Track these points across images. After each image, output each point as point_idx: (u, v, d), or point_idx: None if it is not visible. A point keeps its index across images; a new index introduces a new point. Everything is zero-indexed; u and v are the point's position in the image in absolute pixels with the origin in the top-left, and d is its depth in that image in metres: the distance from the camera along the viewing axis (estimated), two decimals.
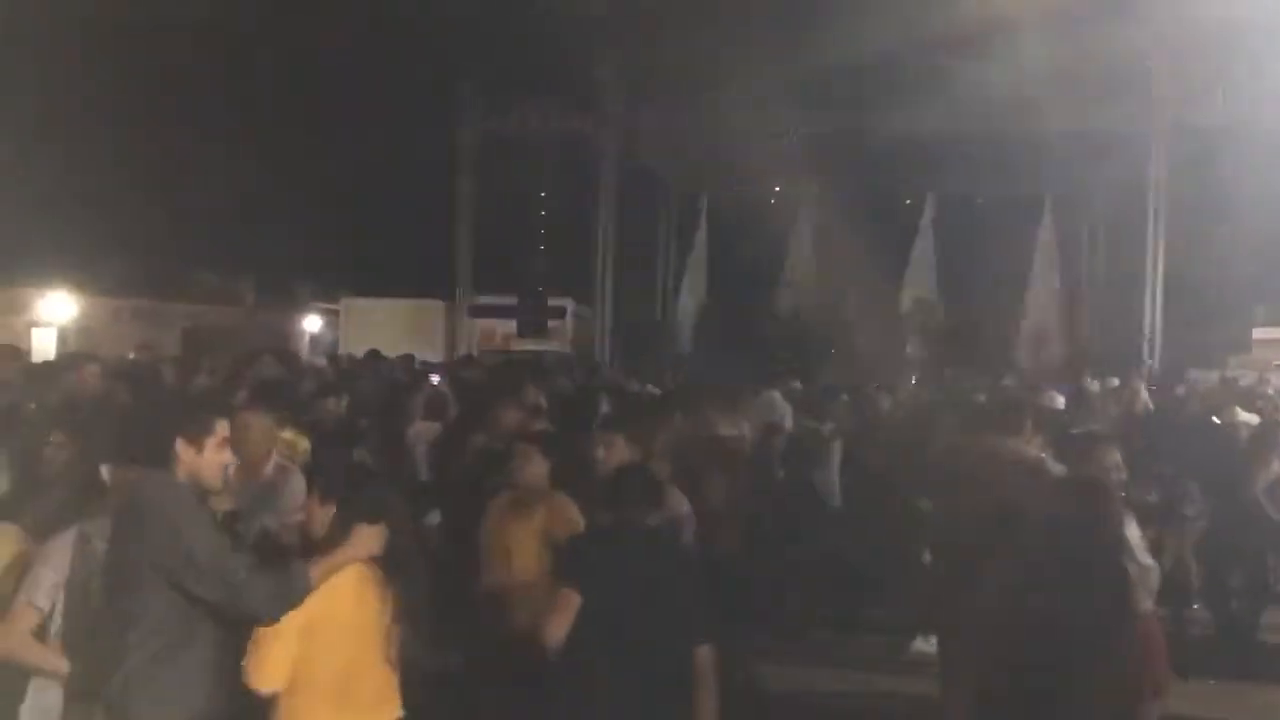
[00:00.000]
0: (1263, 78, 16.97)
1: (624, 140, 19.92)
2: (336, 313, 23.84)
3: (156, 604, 3.12)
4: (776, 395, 9.94)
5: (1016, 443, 5.20)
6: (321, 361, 13.77)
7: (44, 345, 17.83)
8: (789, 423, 9.02)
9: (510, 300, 20.10)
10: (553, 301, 20.15)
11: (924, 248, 23.39)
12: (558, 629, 3.66)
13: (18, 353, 8.07)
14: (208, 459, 3.40)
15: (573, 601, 3.67)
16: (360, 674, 3.34)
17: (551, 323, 20.14)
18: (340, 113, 27.07)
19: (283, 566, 3.22)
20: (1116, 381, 11.96)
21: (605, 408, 7.76)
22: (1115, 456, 4.64)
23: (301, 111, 26.59)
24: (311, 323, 30.20)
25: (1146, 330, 17.79)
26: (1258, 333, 17.96)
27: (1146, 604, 4.26)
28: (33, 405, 5.83)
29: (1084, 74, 17.61)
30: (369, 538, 3.34)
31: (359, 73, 26.43)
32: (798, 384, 11.91)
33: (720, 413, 7.31)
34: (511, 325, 20.03)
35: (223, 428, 3.48)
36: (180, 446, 3.37)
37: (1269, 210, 17.26)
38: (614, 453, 4.88)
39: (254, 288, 29.63)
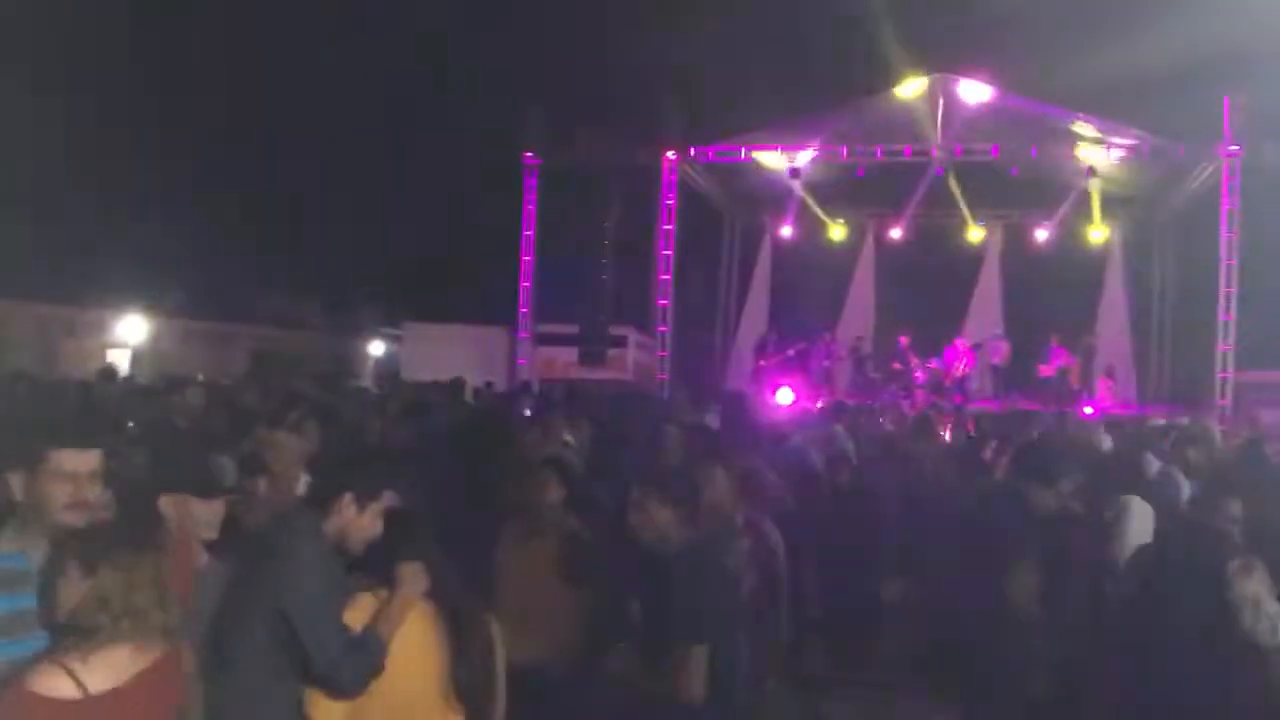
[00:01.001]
0: None
1: (687, 169, 20.03)
2: (400, 337, 24.15)
3: (252, 646, 3.12)
4: (839, 429, 9.88)
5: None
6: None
7: (119, 366, 18.24)
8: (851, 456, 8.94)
9: (572, 328, 20.17)
10: (614, 330, 20.19)
11: (989, 281, 23.06)
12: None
13: (115, 372, 8.30)
14: (365, 522, 3.40)
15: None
16: (419, 713, 3.33)
17: (612, 352, 20.19)
18: (410, 140, 27.59)
19: (360, 636, 3.18)
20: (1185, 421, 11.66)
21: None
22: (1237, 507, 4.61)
23: (372, 139, 27.11)
24: (375, 347, 30.63)
25: (1218, 370, 17.36)
26: None
27: None
28: (131, 424, 5.98)
29: (1152, 107, 17.47)
30: (414, 578, 3.33)
31: (429, 100, 26.95)
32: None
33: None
34: (573, 353, 20.09)
35: (389, 497, 3.50)
36: (346, 501, 3.37)
37: None
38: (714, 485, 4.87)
39: (320, 311, 30.14)
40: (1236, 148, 17.21)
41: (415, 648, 3.31)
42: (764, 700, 5.11)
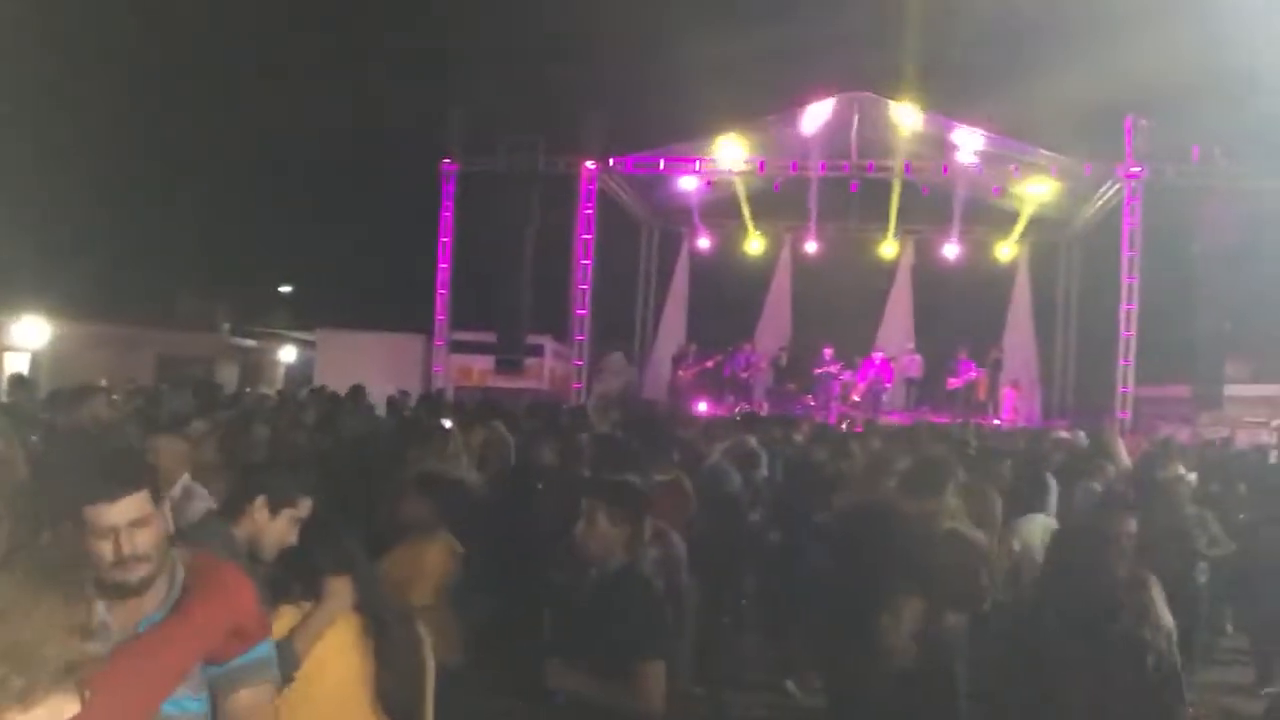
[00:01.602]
0: (1233, 136, 17.36)
1: (606, 179, 20.08)
2: (313, 343, 23.73)
3: None
4: (753, 440, 9.95)
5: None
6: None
7: (17, 371, 17.62)
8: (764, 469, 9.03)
9: (489, 337, 20.04)
10: (531, 339, 20.12)
11: (901, 295, 23.50)
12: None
13: (27, 381, 8.02)
14: (279, 527, 3.35)
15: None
16: None
17: (529, 360, 20.11)
18: (327, 144, 27.17)
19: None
20: (1084, 436, 12.01)
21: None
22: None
23: (288, 141, 26.63)
24: (287, 353, 30.02)
25: (1119, 385, 17.91)
26: (1229, 389, 18.15)
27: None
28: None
29: (1059, 129, 18.03)
30: (341, 591, 3.29)
31: (348, 105, 26.58)
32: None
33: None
34: (489, 362, 19.96)
35: (305, 505, 3.44)
36: (258, 505, 3.33)
37: (1240, 268, 17.58)
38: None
39: (230, 316, 29.46)
40: (1138, 169, 17.80)
41: (341, 659, 3.28)
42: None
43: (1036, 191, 19.51)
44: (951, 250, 21.99)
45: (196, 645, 2.59)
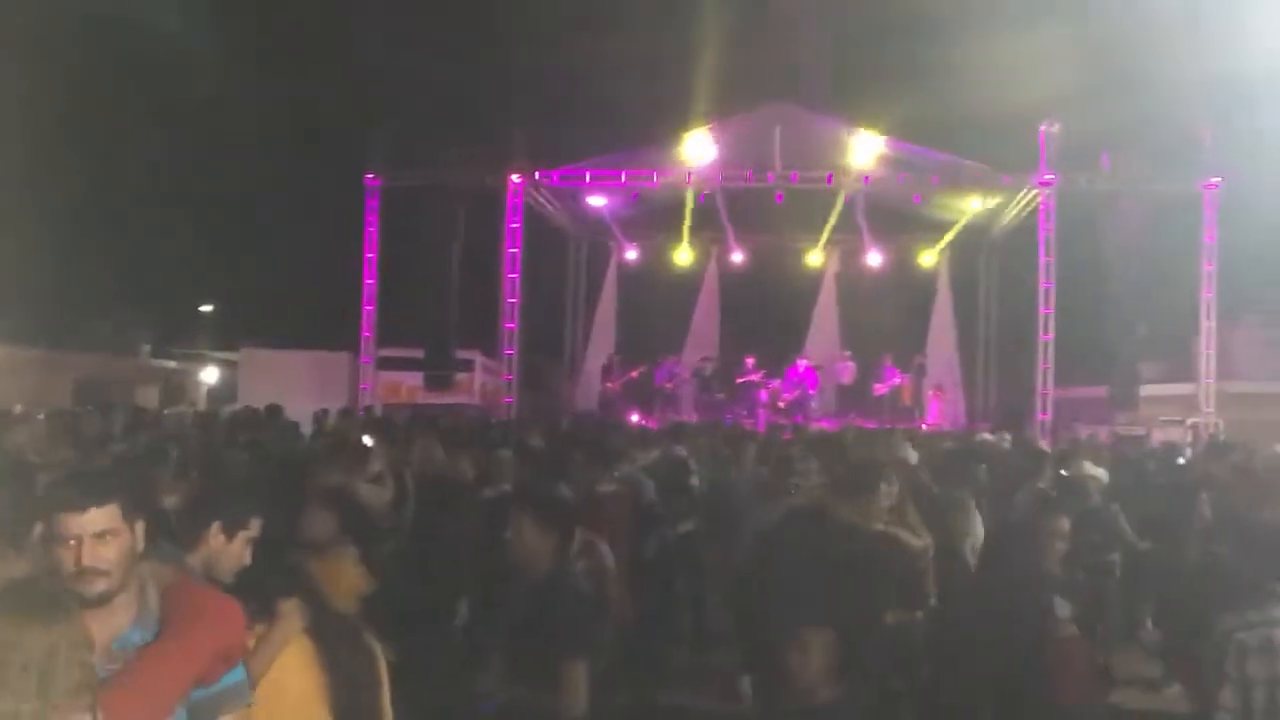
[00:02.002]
0: (1145, 141, 17.92)
1: (533, 193, 20.06)
2: (236, 363, 23.33)
3: None
4: (681, 450, 10.01)
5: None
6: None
7: None
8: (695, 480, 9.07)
9: (417, 353, 19.86)
10: (460, 354, 19.99)
11: (827, 303, 23.81)
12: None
13: None
14: (235, 550, 3.36)
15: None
16: None
17: (459, 376, 19.98)
18: (247, 160, 26.74)
19: None
20: (1009, 438, 12.30)
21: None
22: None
23: (209, 158, 26.19)
24: (209, 374, 29.48)
25: (1038, 387, 18.31)
26: (1144, 390, 18.67)
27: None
28: None
29: (977, 135, 18.45)
30: (292, 613, 3.26)
31: (271, 120, 26.20)
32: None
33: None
34: (418, 378, 19.79)
35: (255, 525, 3.45)
36: (214, 531, 3.34)
37: (1152, 271, 18.14)
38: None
39: (150, 337, 28.84)
40: (1052, 177, 18.26)
41: (298, 678, 3.26)
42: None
43: (958, 200, 19.94)
44: (875, 259, 22.36)
45: (193, 667, 2.63)
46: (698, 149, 18.59)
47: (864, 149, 18.31)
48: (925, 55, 19.05)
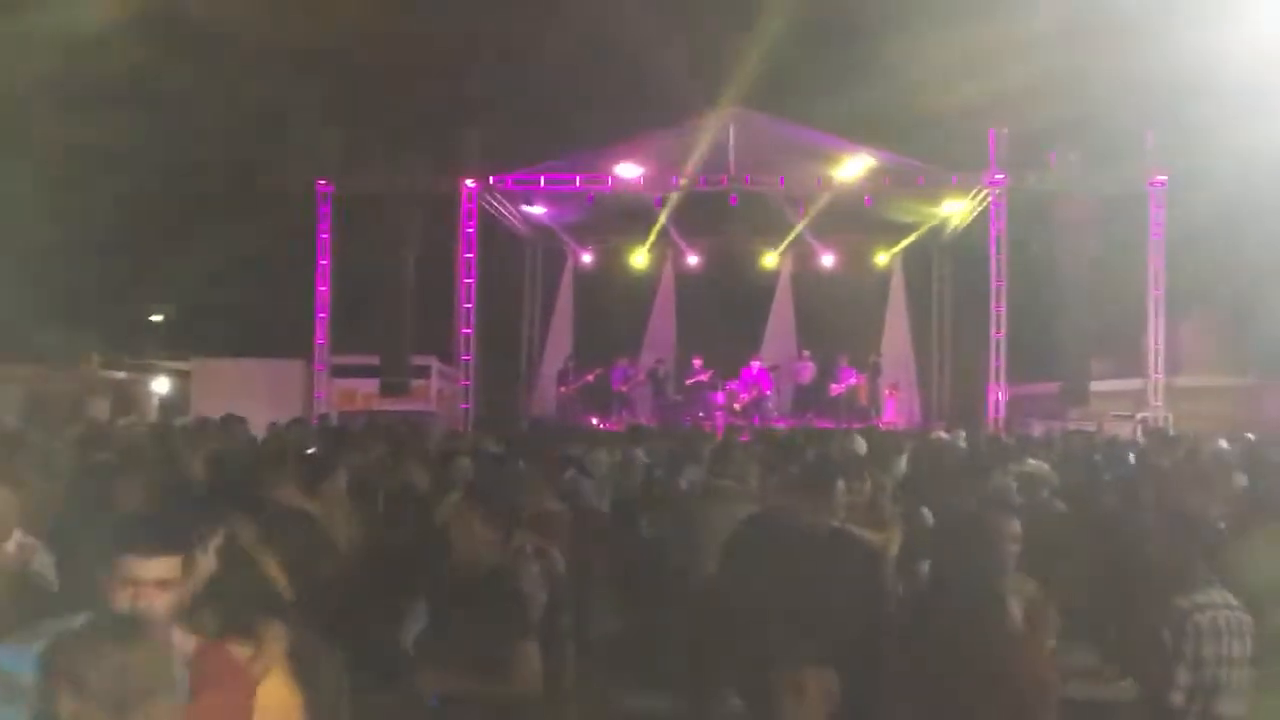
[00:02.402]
0: (1092, 141, 18.21)
1: (487, 197, 20.00)
2: (188, 373, 23.02)
3: None
4: (639, 453, 10.02)
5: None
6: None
7: None
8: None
9: (373, 360, 19.72)
10: (417, 360, 19.87)
11: (784, 304, 23.92)
12: None
13: None
14: (205, 560, 3.31)
15: None
16: None
17: (415, 382, 19.86)
18: (197, 166, 26.40)
19: None
20: (963, 435, 12.43)
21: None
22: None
23: (153, 164, 25.81)
24: (160, 384, 29.04)
25: (992, 385, 18.51)
26: (1095, 385, 18.94)
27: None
28: None
29: (927, 137, 18.64)
30: (276, 639, 3.20)
31: (220, 126, 25.86)
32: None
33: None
34: (374, 385, 19.66)
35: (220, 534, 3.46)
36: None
37: (1100, 268, 18.43)
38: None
39: (99, 347, 28.35)
40: (1002, 176, 18.48)
41: (278, 700, 3.18)
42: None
43: (913, 203, 20.16)
44: (829, 260, 22.50)
45: None
46: (652, 153, 18.65)
47: (818, 152, 18.45)
48: (874, 59, 19.18)
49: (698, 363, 21.05)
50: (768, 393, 21.04)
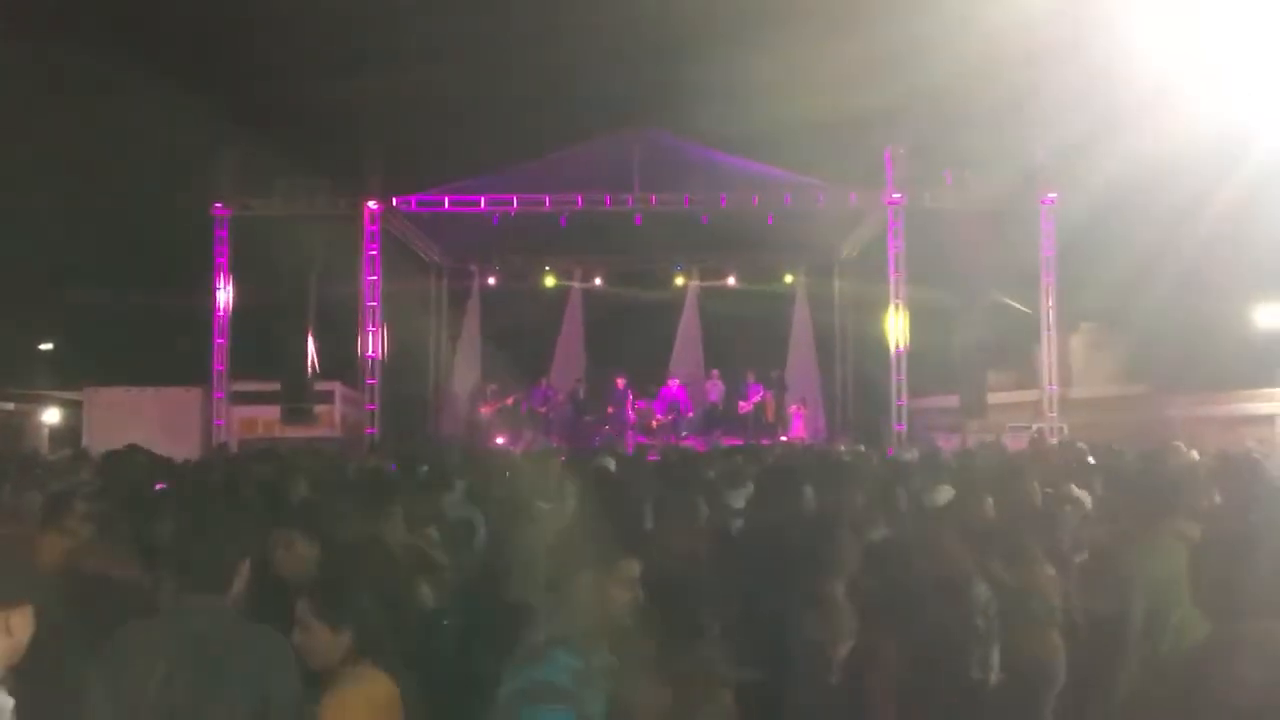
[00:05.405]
0: (986, 162, 18.73)
1: (391, 219, 19.75)
2: (79, 403, 22.22)
3: None
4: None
5: None
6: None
7: None
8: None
9: (274, 386, 19.27)
10: (320, 386, 19.49)
11: (690, 322, 24.05)
12: None
13: None
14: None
15: None
16: None
17: (319, 408, 19.48)
18: (84, 188, 25.57)
19: None
20: (863, 449, 12.63)
21: None
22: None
23: (40, 187, 24.94)
24: (50, 415, 28.00)
25: (894, 399, 18.85)
26: (993, 397, 19.45)
27: None
28: None
29: (826, 156, 18.98)
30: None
31: (115, 147, 25.09)
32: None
33: None
34: (275, 411, 19.21)
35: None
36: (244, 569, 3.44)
37: (997, 283, 18.96)
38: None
39: None
40: (899, 195, 18.90)
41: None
42: None
43: (807, 218, 20.44)
44: (734, 278, 22.72)
45: None
46: (556, 172, 18.64)
47: (721, 170, 18.63)
48: (774, 81, 19.48)
49: (620, 383, 21.01)
50: (686, 412, 21.15)
